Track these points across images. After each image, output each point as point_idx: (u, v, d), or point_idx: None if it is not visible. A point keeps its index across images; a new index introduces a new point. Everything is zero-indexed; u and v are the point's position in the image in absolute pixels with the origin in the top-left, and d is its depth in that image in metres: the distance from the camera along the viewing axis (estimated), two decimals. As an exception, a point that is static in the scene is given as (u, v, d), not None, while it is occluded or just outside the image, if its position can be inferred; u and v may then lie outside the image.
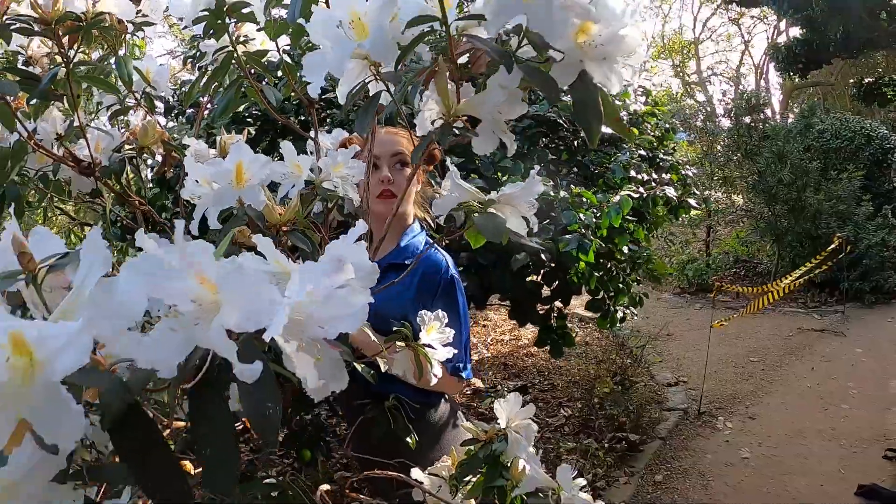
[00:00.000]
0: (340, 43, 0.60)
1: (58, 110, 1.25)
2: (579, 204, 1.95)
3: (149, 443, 0.42)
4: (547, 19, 0.53)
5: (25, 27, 0.92)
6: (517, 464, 1.06)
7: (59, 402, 0.36)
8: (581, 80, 0.58)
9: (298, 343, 0.46)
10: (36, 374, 0.36)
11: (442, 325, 1.09)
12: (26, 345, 0.35)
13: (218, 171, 0.92)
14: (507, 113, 0.62)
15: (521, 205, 0.83)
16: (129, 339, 0.40)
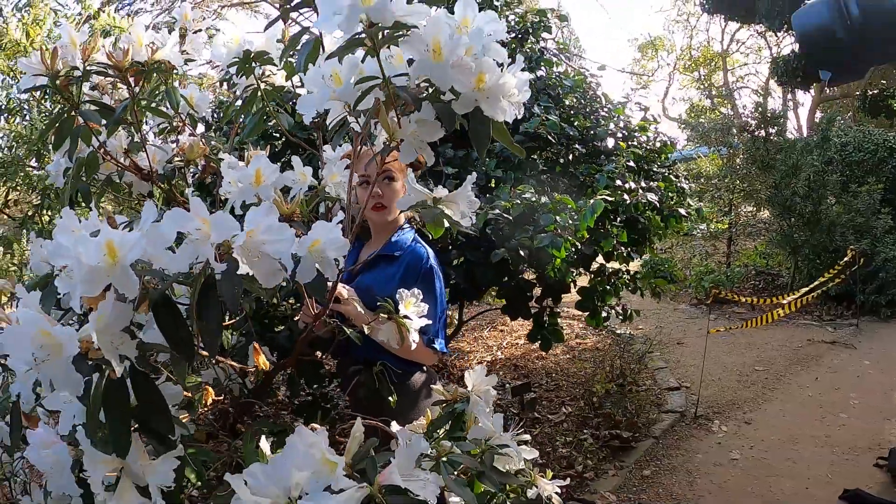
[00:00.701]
0: (323, 89, 0.90)
1: (122, 130, 1.59)
2: (559, 208, 2.21)
3: (173, 317, 0.73)
4: (443, 77, 0.82)
5: (102, 71, 1.25)
6: (471, 418, 1.36)
7: (129, 275, 0.69)
8: (475, 112, 0.86)
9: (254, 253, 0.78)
10: (118, 261, 0.67)
11: (417, 301, 1.38)
12: (113, 245, 0.67)
13: (243, 174, 1.25)
14: (426, 136, 0.90)
15: (459, 202, 1.11)
16: (164, 254, 0.73)
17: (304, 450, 0.80)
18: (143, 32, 1.51)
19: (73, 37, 1.42)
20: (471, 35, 0.81)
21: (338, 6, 0.77)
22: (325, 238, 0.99)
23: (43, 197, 5.35)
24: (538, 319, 3.00)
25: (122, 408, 0.84)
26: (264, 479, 0.82)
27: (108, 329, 0.78)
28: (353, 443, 0.88)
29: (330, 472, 0.79)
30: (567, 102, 3.36)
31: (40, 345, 0.77)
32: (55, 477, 0.99)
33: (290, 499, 0.80)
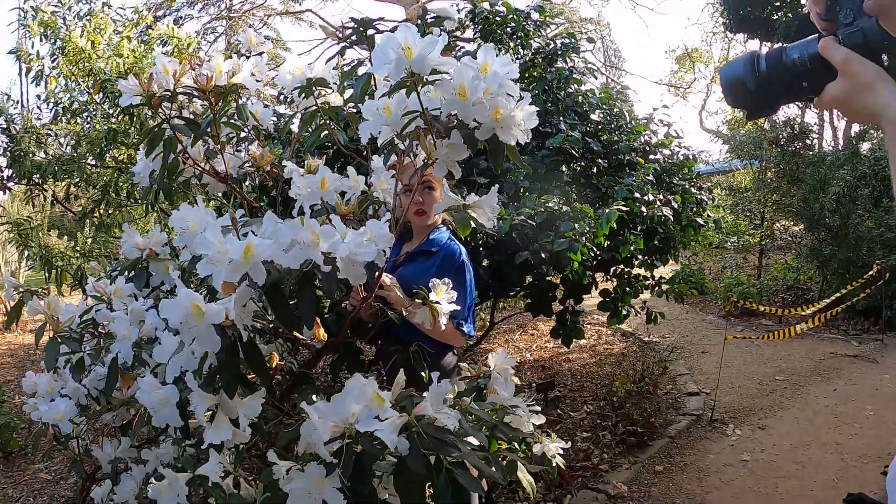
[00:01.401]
0: (377, 118, 1.18)
1: (202, 140, 1.89)
2: (579, 216, 2.45)
3: (281, 299, 1.01)
4: (466, 113, 1.08)
5: (189, 93, 1.56)
6: (492, 389, 1.62)
7: (260, 269, 0.97)
8: (493, 138, 1.12)
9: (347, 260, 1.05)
10: (252, 258, 0.96)
11: (448, 289, 1.65)
12: (251, 246, 0.95)
13: (311, 181, 1.53)
14: (454, 156, 1.16)
15: (484, 208, 1.37)
16: (282, 254, 1.00)
17: (360, 388, 1.07)
18: (222, 61, 1.82)
19: (167, 65, 1.74)
20: (489, 79, 1.07)
21: (387, 58, 1.05)
22: (376, 233, 1.27)
23: (102, 193, 5.79)
24: (561, 318, 3.24)
25: (235, 362, 1.13)
26: (327, 411, 1.10)
27: (238, 306, 1.07)
28: (397, 388, 1.15)
29: (379, 405, 1.07)
30: (595, 118, 3.59)
31: (190, 313, 1.04)
32: (161, 411, 1.28)
33: (348, 424, 1.07)
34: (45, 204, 6.55)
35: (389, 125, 1.17)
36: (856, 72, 0.72)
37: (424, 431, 1.06)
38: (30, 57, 6.35)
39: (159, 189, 2.03)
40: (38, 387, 1.85)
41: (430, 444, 1.05)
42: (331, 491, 1.08)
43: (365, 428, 1.03)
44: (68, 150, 6.05)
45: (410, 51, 1.03)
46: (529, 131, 1.15)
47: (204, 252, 1.03)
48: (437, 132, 1.10)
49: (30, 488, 3.96)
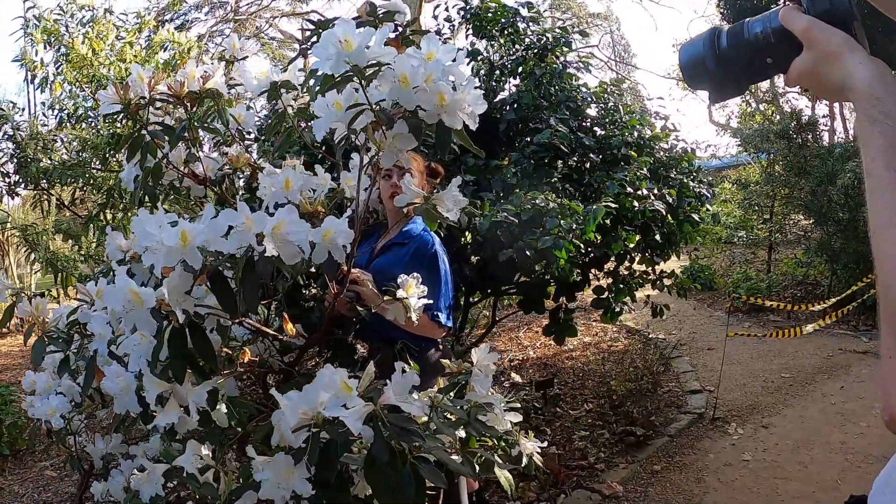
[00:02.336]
0: (328, 114, 1.17)
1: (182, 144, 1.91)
2: (566, 213, 2.42)
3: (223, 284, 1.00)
4: (408, 100, 1.07)
5: (164, 99, 1.56)
6: (471, 387, 1.60)
7: (196, 254, 0.97)
8: (439, 124, 1.11)
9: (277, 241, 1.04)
10: (189, 244, 0.95)
11: (418, 283, 1.63)
12: (186, 232, 0.95)
13: (275, 181, 1.52)
14: (402, 146, 1.14)
15: (446, 200, 1.35)
16: (219, 240, 1.00)
17: (329, 377, 1.08)
18: (195, 67, 1.84)
19: (141, 74, 1.75)
20: (430, 65, 1.05)
21: (328, 53, 1.04)
22: (335, 229, 1.26)
23: (107, 197, 5.85)
24: (554, 315, 3.20)
25: (181, 348, 1.15)
26: (298, 399, 1.10)
27: (176, 290, 1.10)
28: (366, 378, 1.15)
29: (347, 394, 1.07)
30: (590, 112, 3.55)
31: (129, 299, 1.08)
32: (122, 398, 1.31)
33: (317, 412, 1.06)
34: (49, 209, 6.63)
35: (340, 120, 1.15)
36: (819, 40, 0.65)
37: (389, 420, 1.04)
38: (34, 64, 6.44)
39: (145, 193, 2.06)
40: (37, 385, 1.92)
41: (395, 433, 1.03)
42: (299, 480, 1.11)
43: (330, 413, 1.03)
44: (74, 156, 6.13)
45: (349, 44, 1.01)
46: (476, 115, 1.12)
47: (146, 244, 1.06)
48: (387, 122, 1.09)
49: (35, 484, 4.04)
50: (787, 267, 8.55)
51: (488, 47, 3.62)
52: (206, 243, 1.05)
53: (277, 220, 1.11)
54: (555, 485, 3.16)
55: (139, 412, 1.26)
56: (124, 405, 1.28)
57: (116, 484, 1.81)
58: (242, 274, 1.08)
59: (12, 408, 4.59)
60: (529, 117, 3.16)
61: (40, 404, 1.86)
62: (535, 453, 1.55)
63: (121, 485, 1.80)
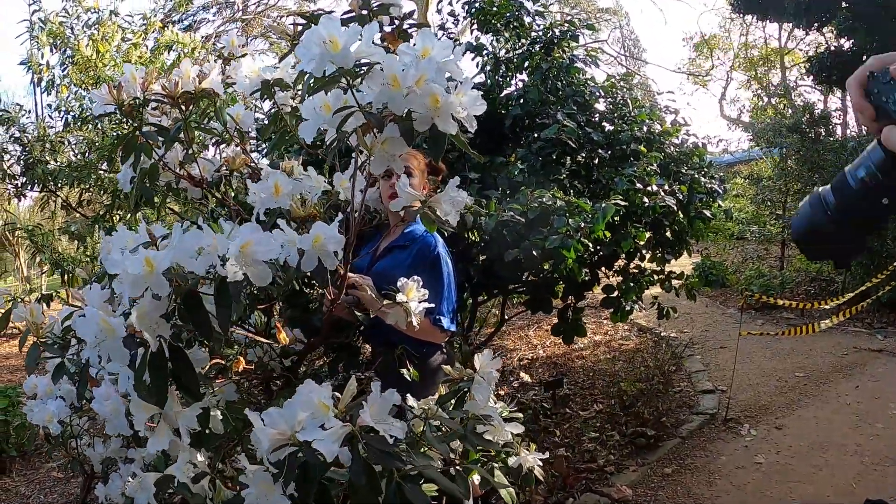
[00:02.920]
0: (316, 117, 1.11)
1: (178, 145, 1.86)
2: (574, 211, 2.35)
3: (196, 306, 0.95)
4: (398, 103, 1.00)
5: (159, 100, 1.51)
6: (472, 395, 1.54)
7: (161, 280, 0.90)
8: (432, 128, 1.04)
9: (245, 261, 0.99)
10: (154, 271, 0.89)
11: (418, 287, 1.57)
12: (150, 260, 0.89)
13: (264, 187, 1.47)
14: (393, 150, 1.09)
15: (444, 203, 1.29)
16: (189, 261, 0.95)
17: (307, 395, 1.02)
18: (190, 67, 1.79)
19: (134, 74, 1.71)
20: (422, 65, 0.99)
21: (312, 54, 0.98)
22: (325, 235, 1.20)
23: (113, 198, 5.85)
24: (562, 315, 3.14)
25: (161, 370, 1.09)
26: (277, 417, 1.06)
27: (147, 317, 1.04)
28: (347, 395, 1.09)
29: (324, 413, 1.02)
30: (598, 107, 3.47)
31: (101, 329, 1.02)
32: (113, 420, 1.27)
33: (294, 432, 1.02)
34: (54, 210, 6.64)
35: (328, 124, 1.09)
36: None
37: (368, 442, 0.99)
38: (40, 67, 6.46)
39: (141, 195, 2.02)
40: (38, 389, 1.89)
41: (374, 456, 0.98)
42: (279, 497, 1.08)
43: (305, 437, 0.98)
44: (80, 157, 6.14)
45: (336, 44, 0.95)
46: (473, 118, 1.06)
47: (115, 272, 1.00)
48: (373, 126, 1.03)
49: (41, 486, 4.05)
50: (800, 263, 8.41)
51: (493, 42, 3.55)
52: (175, 265, 0.99)
53: (242, 240, 1.06)
54: (563, 488, 3.10)
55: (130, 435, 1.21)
56: (115, 428, 1.25)
57: (115, 488, 1.80)
58: (215, 296, 1.04)
59: (19, 409, 4.61)
60: (536, 112, 3.09)
61: (38, 409, 1.83)
62: (536, 466, 1.48)
63: (119, 489, 1.78)
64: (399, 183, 1.32)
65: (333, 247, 1.22)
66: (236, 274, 1.05)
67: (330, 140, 1.18)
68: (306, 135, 1.15)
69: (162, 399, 1.09)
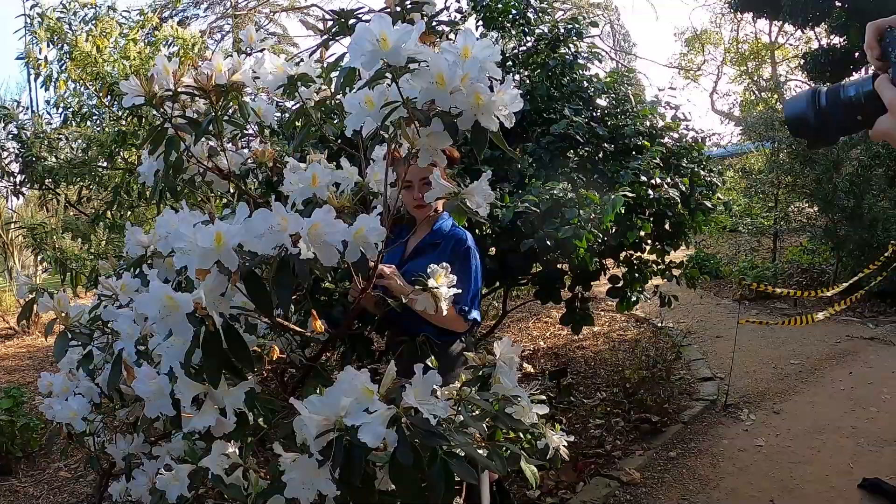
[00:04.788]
0: (360, 111, 1.18)
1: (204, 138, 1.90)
2: (584, 203, 2.43)
3: (257, 285, 1.01)
4: (444, 101, 1.07)
5: (190, 92, 1.56)
6: (497, 379, 1.61)
7: (232, 255, 0.97)
8: (475, 125, 1.11)
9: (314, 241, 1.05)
10: (223, 244, 0.96)
11: (447, 274, 1.63)
12: (221, 234, 0.95)
13: (303, 176, 1.53)
14: (437, 144, 1.15)
15: (475, 195, 1.36)
16: (255, 240, 1.00)
17: (350, 381, 1.07)
18: (222, 60, 1.83)
19: (167, 66, 1.74)
20: (467, 64, 1.05)
21: (363, 50, 1.04)
22: (367, 226, 1.26)
23: (114, 195, 5.85)
24: (570, 305, 3.22)
25: (217, 350, 1.13)
26: (319, 405, 1.10)
27: (212, 293, 1.08)
28: (387, 378, 1.14)
29: (368, 398, 1.07)
30: (600, 103, 3.55)
31: (164, 305, 1.05)
32: (155, 399, 1.29)
33: (338, 417, 1.07)
34: (58, 207, 6.63)
35: (372, 117, 1.16)
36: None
37: (413, 423, 1.05)
38: (38, 62, 6.42)
39: (165, 188, 2.05)
40: (53, 386, 1.88)
41: (419, 436, 1.04)
42: (324, 481, 1.11)
43: (352, 422, 1.03)
44: (79, 154, 6.12)
45: (386, 42, 1.01)
46: (513, 115, 1.13)
47: (179, 245, 1.04)
48: (419, 121, 1.09)
49: (50, 486, 4.03)
50: (791, 255, 8.55)
51: (499, 38, 3.61)
52: (241, 243, 1.04)
53: (314, 220, 1.09)
54: (573, 472, 3.19)
55: (172, 416, 1.25)
56: (157, 408, 1.27)
57: (140, 484, 1.77)
58: (276, 275, 1.07)
59: (23, 409, 4.59)
60: (543, 108, 3.16)
61: (59, 407, 1.82)
62: (561, 447, 1.56)
63: (144, 485, 1.79)
64: (433, 175, 1.38)
65: (374, 238, 1.27)
66: (308, 253, 1.08)
67: (369, 133, 1.24)
68: (351, 127, 1.21)
69: (216, 378, 1.13)
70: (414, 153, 1.15)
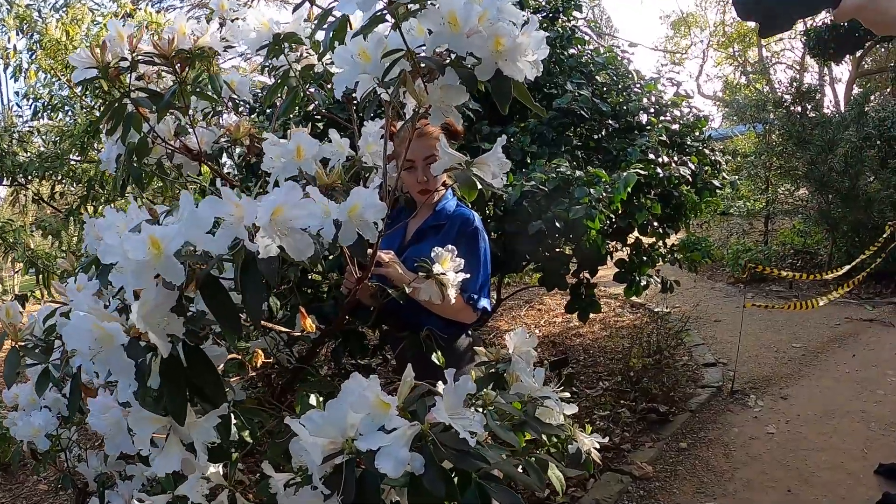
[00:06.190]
0: (353, 66, 0.97)
1: (170, 115, 1.68)
2: (593, 181, 2.24)
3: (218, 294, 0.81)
4: (460, 45, 0.87)
5: (150, 60, 1.35)
6: (514, 376, 1.42)
7: (173, 263, 0.76)
8: (496, 75, 0.91)
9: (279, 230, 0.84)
10: (162, 252, 0.75)
11: (453, 257, 1.44)
12: (156, 238, 0.74)
13: (285, 149, 1.32)
14: (451, 100, 0.96)
15: (490, 163, 1.16)
16: (205, 238, 0.80)
17: (359, 393, 0.86)
18: (185, 22, 1.60)
19: (121, 31, 1.51)
20: (484, 2, 0.86)
21: (357, -11, 0.83)
22: (363, 202, 1.06)
23: (88, 189, 5.58)
24: (576, 291, 3.05)
25: (177, 378, 0.91)
26: (321, 422, 0.89)
27: (155, 313, 0.85)
28: (405, 386, 0.94)
29: (383, 413, 0.86)
30: (600, 79, 3.37)
31: (95, 337, 0.83)
32: (113, 437, 1.08)
33: (347, 438, 0.87)
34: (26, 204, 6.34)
35: (368, 73, 0.96)
36: None
37: (442, 442, 0.85)
38: (6, 52, 6.15)
39: (129, 176, 1.82)
40: (20, 398, 1.68)
41: (450, 458, 0.84)
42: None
43: (367, 445, 0.83)
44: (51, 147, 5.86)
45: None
46: (539, 63, 0.94)
47: (110, 259, 0.81)
48: (428, 73, 0.89)
49: (28, 501, 3.82)
50: (784, 237, 8.47)
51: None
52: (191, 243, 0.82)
53: (275, 202, 0.85)
54: (581, 468, 3.02)
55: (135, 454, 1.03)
56: (116, 446, 1.06)
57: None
58: (241, 279, 0.84)
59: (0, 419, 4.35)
60: (544, 83, 2.97)
61: (22, 423, 1.63)
62: (593, 450, 1.38)
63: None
64: (440, 143, 1.18)
65: (373, 216, 1.07)
66: (269, 248, 0.85)
67: (364, 93, 1.04)
68: (339, 87, 1.01)
69: (181, 412, 0.91)
70: (422, 112, 0.95)
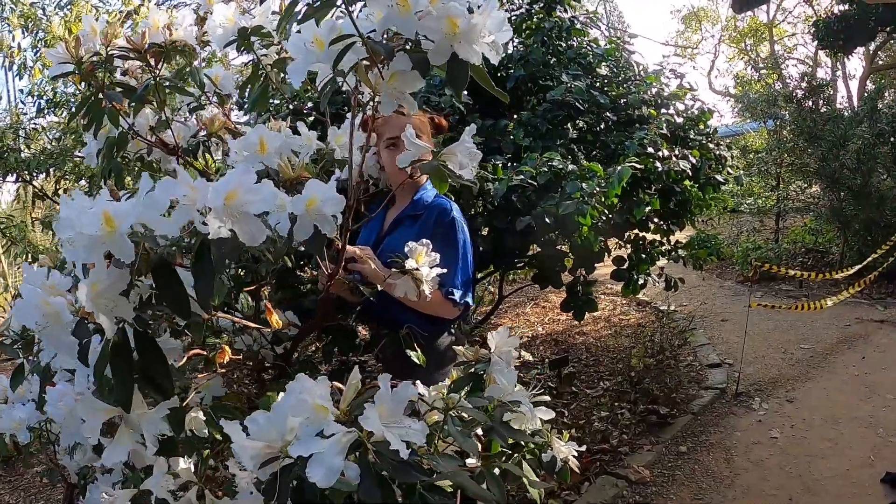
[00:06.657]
0: (307, 55, 0.91)
1: (149, 109, 1.65)
2: (587, 175, 2.17)
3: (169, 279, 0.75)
4: (409, 27, 0.82)
5: (124, 55, 1.31)
6: (491, 378, 1.36)
7: (124, 241, 0.70)
8: (452, 58, 0.85)
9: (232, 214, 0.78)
10: (115, 230, 0.69)
11: (428, 251, 1.38)
12: (109, 214, 0.69)
13: (247, 143, 1.27)
14: (404, 87, 0.90)
15: (458, 154, 1.10)
16: (159, 220, 0.74)
17: (299, 396, 0.82)
18: (158, 16, 1.56)
19: (94, 25, 1.49)
20: (434, -18, 0.80)
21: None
22: (321, 195, 1.01)
23: (90, 184, 5.61)
24: (572, 289, 2.98)
25: (125, 364, 0.89)
26: (265, 424, 0.86)
27: (105, 294, 0.82)
28: (350, 390, 0.89)
29: (322, 417, 0.81)
30: (601, 72, 3.29)
31: (43, 313, 0.82)
32: (69, 427, 1.05)
33: (284, 444, 0.82)
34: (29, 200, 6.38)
35: (322, 61, 0.90)
36: None
37: (380, 451, 0.80)
38: (11, 50, 6.21)
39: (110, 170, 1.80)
40: (8, 392, 1.65)
41: (388, 468, 0.79)
42: None
43: (299, 451, 0.78)
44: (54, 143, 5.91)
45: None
46: (500, 46, 0.87)
47: (67, 235, 0.79)
48: (383, 59, 0.83)
49: (27, 493, 3.84)
50: (796, 235, 8.33)
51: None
52: (141, 225, 0.78)
53: (228, 185, 0.83)
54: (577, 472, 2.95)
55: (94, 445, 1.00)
56: (71, 436, 1.04)
57: (94, 502, 1.59)
58: (193, 264, 0.82)
59: (-2, 411, 4.38)
60: (539, 74, 2.90)
61: (4, 416, 1.62)
62: (570, 458, 1.31)
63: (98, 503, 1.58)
64: (406, 133, 1.12)
65: (331, 210, 1.02)
66: (220, 230, 0.81)
67: (323, 83, 0.98)
68: (295, 77, 0.96)
69: (126, 400, 0.88)
70: (374, 99, 0.90)
